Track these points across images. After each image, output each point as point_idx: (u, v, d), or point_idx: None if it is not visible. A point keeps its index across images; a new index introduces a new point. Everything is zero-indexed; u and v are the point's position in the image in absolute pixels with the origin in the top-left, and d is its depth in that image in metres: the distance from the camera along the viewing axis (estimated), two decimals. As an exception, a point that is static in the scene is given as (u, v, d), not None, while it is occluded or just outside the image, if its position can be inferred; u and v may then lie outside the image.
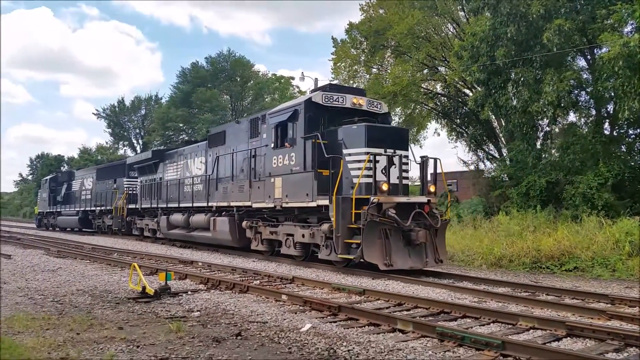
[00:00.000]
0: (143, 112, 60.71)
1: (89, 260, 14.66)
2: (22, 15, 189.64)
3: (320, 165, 11.92)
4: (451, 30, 25.59)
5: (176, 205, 19.52)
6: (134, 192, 24.91)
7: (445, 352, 5.56)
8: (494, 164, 23.14)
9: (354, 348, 5.58)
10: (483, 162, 25.07)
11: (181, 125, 44.18)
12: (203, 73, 44.88)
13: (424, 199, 11.94)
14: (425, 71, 25.79)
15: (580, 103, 18.65)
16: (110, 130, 61.43)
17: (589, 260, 12.59)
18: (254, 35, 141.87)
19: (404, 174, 12.06)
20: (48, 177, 38.47)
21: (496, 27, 17.89)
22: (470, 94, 22.14)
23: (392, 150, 11.69)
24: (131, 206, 24.47)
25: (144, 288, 8.68)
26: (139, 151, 55.85)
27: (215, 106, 42.14)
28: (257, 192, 14.33)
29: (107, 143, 64.81)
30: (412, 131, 29.49)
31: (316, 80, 26.79)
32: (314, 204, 12.06)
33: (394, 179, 11.62)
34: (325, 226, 11.92)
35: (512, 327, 6.67)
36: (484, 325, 6.85)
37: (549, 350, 5.26)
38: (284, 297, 8.44)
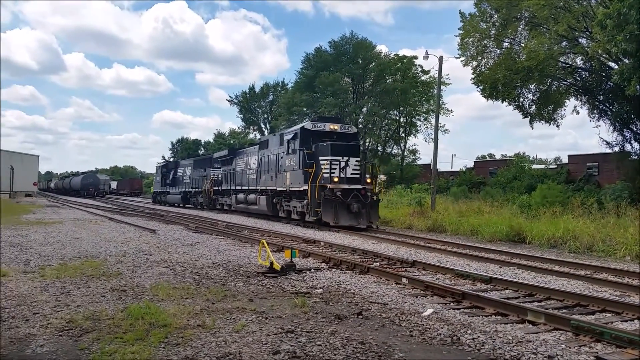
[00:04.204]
0: (270, 97, 63.29)
1: (223, 236, 15.81)
2: (161, 9, 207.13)
3: (307, 166, 19.29)
4: (594, -3, 23.22)
5: (240, 187, 27.59)
6: (218, 178, 32.69)
7: (580, 347, 5.21)
8: (644, 145, 20.81)
9: (479, 337, 5.43)
10: (630, 143, 22.72)
11: (305, 109, 45.30)
12: (326, 57, 45.45)
13: (359, 186, 18.84)
14: (563, 44, 23.77)
15: None
16: (241, 115, 65.04)
17: None
18: (375, 16, 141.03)
19: (354, 172, 19.14)
20: (161, 165, 47.10)
21: (649, -10, 15.90)
22: (616, 67, 20.00)
23: (346, 158, 19.04)
24: (215, 188, 32.59)
25: (271, 264, 9.19)
26: (266, 134, 58.58)
27: (337, 89, 42.60)
28: (279, 180, 22.15)
29: (238, 128, 68.94)
30: (547, 109, 27.59)
31: (441, 58, 25.82)
32: (302, 188, 19.71)
33: (348, 175, 18.95)
34: (305, 201, 19.86)
35: (662, 326, 6.03)
36: (626, 321, 6.30)
37: None
38: (404, 280, 8.43)
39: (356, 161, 19.34)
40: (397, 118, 46.19)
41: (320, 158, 19.21)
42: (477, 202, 23.52)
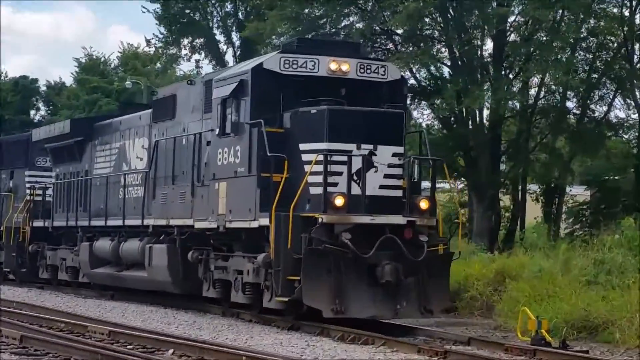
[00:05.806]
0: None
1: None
2: None
3: (269, 166, 16.44)
4: None
5: (103, 222, 24.06)
6: (44, 198, 28.58)
7: None
8: None
9: None
10: None
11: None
12: None
13: (400, 220, 16.28)
14: None
15: None
16: (159, 11, 53.66)
17: None
18: None
19: (389, 182, 16.63)
20: None
21: None
22: None
23: (369, 146, 16.20)
24: (38, 223, 28.41)
25: None
26: (231, 64, 52.19)
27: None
28: (200, 204, 19.06)
29: (150, 46, 59.00)
30: None
31: None
32: (255, 224, 16.83)
33: (372, 190, 16.13)
34: (260, 257, 16.57)
35: None
36: None
37: None
38: None
39: (394, 154, 16.70)
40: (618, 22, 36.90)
41: (303, 147, 16.70)
42: None
